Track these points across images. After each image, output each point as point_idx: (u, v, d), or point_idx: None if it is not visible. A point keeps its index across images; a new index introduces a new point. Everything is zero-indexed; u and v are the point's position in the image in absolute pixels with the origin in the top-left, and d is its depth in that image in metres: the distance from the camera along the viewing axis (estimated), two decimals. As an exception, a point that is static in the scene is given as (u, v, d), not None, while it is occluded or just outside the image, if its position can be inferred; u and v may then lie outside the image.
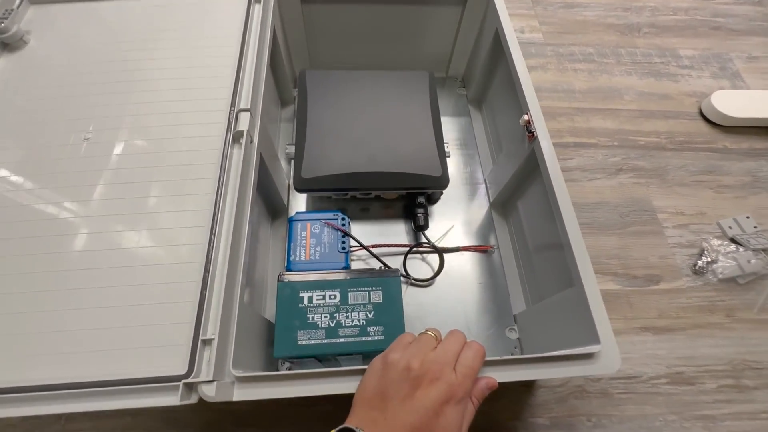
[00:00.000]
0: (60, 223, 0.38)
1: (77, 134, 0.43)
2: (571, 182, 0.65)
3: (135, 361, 0.32)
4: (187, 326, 0.33)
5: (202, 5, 0.54)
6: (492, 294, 0.54)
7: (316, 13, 0.60)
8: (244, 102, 0.43)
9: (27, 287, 0.35)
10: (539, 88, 0.75)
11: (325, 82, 0.59)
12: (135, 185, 0.40)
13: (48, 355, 0.32)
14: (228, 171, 0.40)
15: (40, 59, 0.49)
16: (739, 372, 0.52)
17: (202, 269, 0.35)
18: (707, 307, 0.56)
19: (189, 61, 0.49)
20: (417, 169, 0.53)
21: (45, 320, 0.34)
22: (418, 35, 0.65)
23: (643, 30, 0.86)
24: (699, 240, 0.61)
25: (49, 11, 0.54)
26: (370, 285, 0.43)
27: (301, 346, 0.40)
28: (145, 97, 0.46)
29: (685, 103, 0.76)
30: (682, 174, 0.68)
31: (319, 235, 0.52)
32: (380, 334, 0.40)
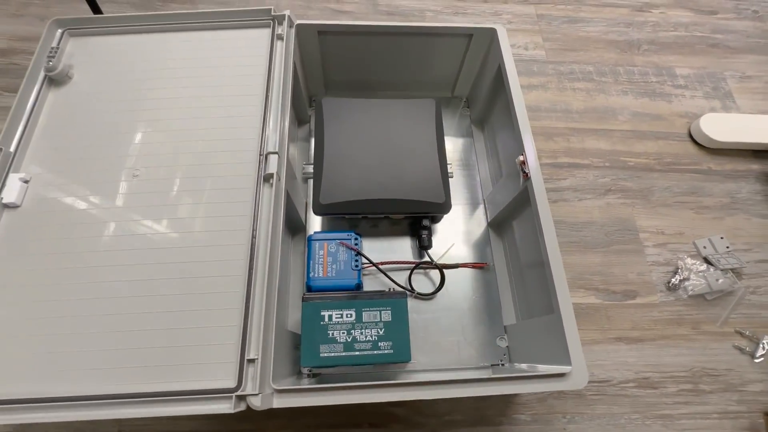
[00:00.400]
0: (126, 254, 0.45)
1: (127, 171, 0.49)
2: (563, 202, 0.72)
3: (192, 374, 0.40)
4: (233, 347, 0.40)
5: (229, 41, 0.58)
6: (486, 306, 0.61)
7: (331, 42, 0.65)
8: (272, 145, 0.49)
9: (100, 311, 0.42)
10: (539, 108, 0.80)
11: (340, 111, 0.64)
12: (184, 221, 0.46)
13: (123, 369, 0.40)
14: (261, 209, 0.46)
15: (85, 94, 0.54)
16: (698, 378, 0.60)
17: (243, 298, 0.42)
18: (676, 320, 0.64)
19: (220, 100, 0.54)
20: (422, 196, 0.59)
21: (119, 340, 0.41)
22: (426, 61, 0.70)
23: (643, 47, 0.90)
24: (675, 258, 0.68)
25: (87, 43, 0.58)
26: (381, 305, 0.50)
27: (323, 357, 0.47)
28: (182, 136, 0.51)
29: (676, 124, 0.81)
30: (666, 195, 0.74)
31: (335, 254, 0.59)
32: (389, 349, 0.48)
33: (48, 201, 0.48)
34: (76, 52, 0.57)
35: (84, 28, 0.58)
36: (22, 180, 0.48)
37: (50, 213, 0.47)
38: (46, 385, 0.39)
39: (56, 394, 0.38)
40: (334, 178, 0.59)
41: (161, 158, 0.50)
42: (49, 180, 0.49)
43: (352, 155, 0.61)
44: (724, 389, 0.60)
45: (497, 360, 0.58)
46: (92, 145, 0.51)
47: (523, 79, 0.83)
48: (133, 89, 0.55)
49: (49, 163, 0.50)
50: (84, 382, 0.39)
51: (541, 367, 0.48)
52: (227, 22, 0.59)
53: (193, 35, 0.59)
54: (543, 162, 0.75)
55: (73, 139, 0.51)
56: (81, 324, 0.42)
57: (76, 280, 0.44)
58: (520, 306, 0.60)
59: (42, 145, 0.51)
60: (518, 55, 0.86)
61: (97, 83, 0.55)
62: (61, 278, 0.44)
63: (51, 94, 0.54)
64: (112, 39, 0.58)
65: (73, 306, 0.42)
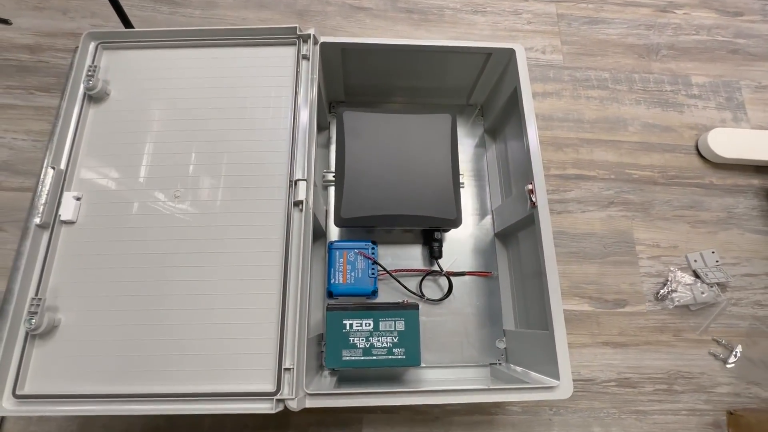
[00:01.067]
0: (173, 270, 0.51)
1: (168, 191, 0.54)
2: (567, 213, 0.76)
3: (236, 378, 0.47)
4: (271, 356, 0.47)
5: (256, 59, 0.60)
6: (488, 311, 0.68)
7: (353, 55, 0.66)
8: (300, 172, 0.53)
9: (156, 321, 0.49)
10: (551, 117, 0.82)
11: (360, 124, 0.67)
12: (224, 241, 0.52)
13: (180, 371, 0.47)
14: (292, 233, 0.51)
15: (122, 112, 0.58)
16: (673, 380, 0.68)
17: (278, 314, 0.49)
18: (660, 328, 0.71)
19: (250, 122, 0.57)
20: (435, 213, 0.64)
21: (174, 347, 0.48)
22: (443, 72, 0.71)
23: (662, 52, 0.89)
24: (666, 271, 0.74)
25: (120, 58, 0.61)
26: (395, 316, 0.57)
27: (345, 360, 0.55)
28: (215, 158, 0.56)
29: (685, 136, 0.83)
30: (666, 209, 0.78)
31: (353, 262, 0.65)
32: (402, 355, 0.55)
33: (99, 217, 0.53)
34: (111, 66, 0.60)
35: (116, 42, 0.60)
36: (75, 198, 0.53)
37: (102, 229, 0.53)
38: (110, 385, 0.47)
39: (119, 392, 0.46)
40: (354, 194, 0.63)
41: (197, 180, 0.55)
42: (97, 198, 0.54)
43: (372, 171, 0.65)
44: (695, 390, 0.68)
45: (496, 359, 0.66)
46: (131, 165, 0.55)
47: (538, 86, 0.84)
48: (167, 107, 0.58)
49: (96, 181, 0.55)
50: (142, 382, 0.47)
51: (533, 374, 0.55)
52: (254, 39, 0.61)
53: (220, 52, 0.61)
54: (551, 173, 0.78)
55: (115, 158, 0.56)
56: (138, 333, 0.49)
57: (131, 293, 0.50)
58: (519, 314, 0.66)
59: (88, 163, 0.55)
60: (535, 60, 0.86)
61: (132, 101, 0.58)
62: (119, 290, 0.50)
63: (91, 111, 0.58)
64: (144, 54, 0.61)
65: (132, 317, 0.49)
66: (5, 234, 0.67)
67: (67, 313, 0.50)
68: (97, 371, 0.47)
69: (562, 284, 0.70)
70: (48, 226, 0.52)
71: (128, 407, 0.45)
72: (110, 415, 0.45)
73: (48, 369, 0.47)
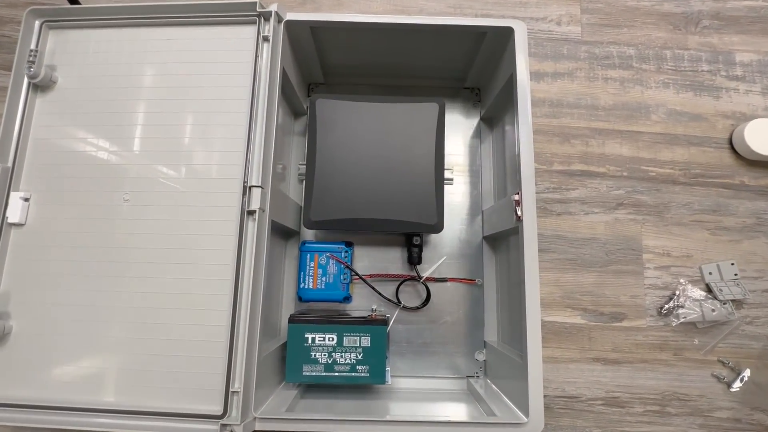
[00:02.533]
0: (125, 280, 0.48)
1: (116, 194, 0.50)
2: (567, 215, 0.68)
3: (178, 398, 0.45)
4: (220, 377, 0.45)
5: (212, 40, 0.53)
6: (470, 321, 0.64)
7: (327, 35, 0.58)
8: (255, 178, 0.48)
9: (104, 331, 0.47)
10: (560, 102, 0.72)
11: (334, 114, 0.60)
12: (171, 251, 0.48)
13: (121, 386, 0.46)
14: (245, 246, 0.47)
15: (69, 102, 0.53)
16: (667, 401, 0.63)
17: (228, 331, 0.46)
18: (659, 345, 0.65)
19: (206, 117, 0.52)
20: (414, 217, 0.58)
21: (121, 358, 0.46)
22: (435, 52, 0.62)
23: (703, 23, 0.75)
24: (674, 283, 0.66)
25: (67, 38, 0.55)
26: (361, 331, 0.53)
27: (305, 375, 0.52)
28: (166, 158, 0.51)
29: (718, 126, 0.72)
30: (683, 212, 0.69)
31: (325, 266, 0.61)
32: (366, 373, 0.52)
33: (48, 220, 0.50)
34: (57, 49, 0.55)
35: (62, 20, 0.54)
36: (22, 198, 0.50)
37: (52, 232, 0.50)
38: (61, 393, 0.46)
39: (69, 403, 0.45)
40: (324, 195, 0.58)
41: (147, 182, 0.50)
42: (46, 198, 0.51)
43: (345, 168, 0.59)
44: (690, 413, 0.63)
45: (473, 372, 0.62)
46: (80, 163, 0.51)
47: (549, 64, 0.73)
48: (116, 98, 0.53)
49: (45, 180, 0.51)
50: (85, 393, 0.46)
51: (506, 400, 0.51)
52: (210, 17, 0.53)
53: (175, 32, 0.54)
54: (555, 168, 0.70)
55: (64, 155, 0.52)
56: (88, 343, 0.47)
57: (81, 302, 0.48)
58: (502, 325, 0.61)
59: (37, 160, 0.52)
60: (548, 32, 0.75)
61: (79, 90, 0.53)
62: (69, 298, 0.48)
63: (38, 101, 0.53)
64: (92, 33, 0.55)
65: (82, 327, 0.47)
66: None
67: (19, 320, 0.48)
68: (49, 380, 0.47)
69: (554, 294, 0.65)
70: (-5, 228, 0.49)
71: (74, 419, 0.44)
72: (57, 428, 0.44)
73: (2, 376, 0.47)
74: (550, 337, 0.65)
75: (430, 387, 0.61)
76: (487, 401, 0.52)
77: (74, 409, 0.45)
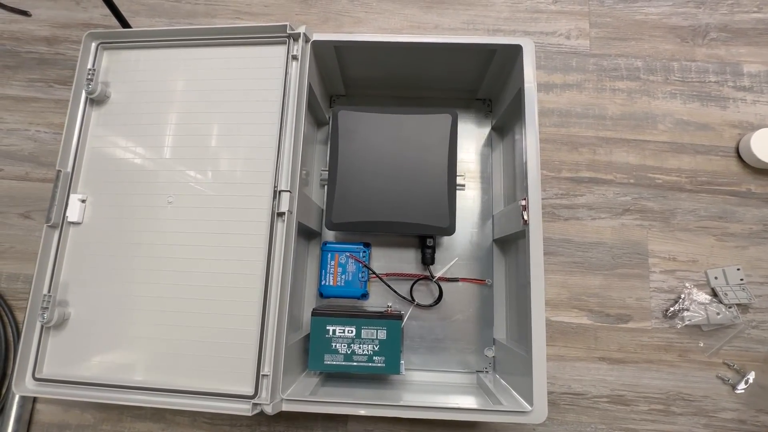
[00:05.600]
0: (166, 274, 0.54)
1: (162, 197, 0.56)
2: (574, 220, 0.71)
3: (214, 379, 0.50)
4: (251, 362, 0.50)
5: (247, 59, 0.59)
6: (480, 319, 0.67)
7: (349, 52, 0.63)
8: (284, 183, 0.53)
9: (153, 319, 0.53)
10: (569, 113, 0.75)
11: (355, 125, 0.65)
12: (210, 248, 0.54)
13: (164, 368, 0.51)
14: (275, 242, 0.52)
15: (120, 115, 0.60)
16: (672, 401, 0.65)
17: (259, 321, 0.51)
18: (664, 346, 0.67)
19: (239, 128, 0.57)
20: (428, 220, 0.62)
21: (167, 346, 0.52)
22: (448, 66, 0.66)
23: (710, 35, 0.78)
24: (680, 287, 0.69)
25: (119, 58, 0.62)
26: (378, 325, 0.57)
27: (326, 364, 0.57)
28: (206, 165, 0.57)
29: (725, 135, 0.74)
30: (689, 219, 0.71)
31: (344, 265, 0.66)
32: (382, 363, 0.57)
33: (101, 220, 0.57)
34: (111, 67, 0.61)
35: (116, 42, 0.61)
36: (80, 200, 0.57)
37: (104, 231, 0.56)
38: (114, 373, 0.52)
39: (120, 382, 0.51)
40: (345, 199, 0.63)
41: (187, 186, 0.56)
42: (100, 200, 0.57)
43: (364, 175, 0.63)
44: (694, 413, 0.65)
45: (483, 367, 0.66)
46: (129, 170, 0.58)
47: (558, 76, 0.77)
48: (160, 111, 0.59)
49: (99, 183, 0.58)
50: (132, 372, 0.51)
51: (513, 393, 0.55)
52: (246, 39, 0.59)
53: (214, 52, 0.60)
54: (563, 175, 0.73)
55: (114, 162, 0.58)
56: (135, 329, 0.53)
57: (130, 293, 0.54)
58: (510, 324, 0.65)
59: (91, 166, 0.58)
60: (558, 45, 0.78)
61: (128, 104, 0.60)
62: (119, 289, 0.54)
63: (94, 114, 0.60)
64: (141, 54, 0.61)
65: (131, 315, 0.53)
66: (33, 222, 0.73)
67: (76, 307, 0.55)
68: (101, 361, 0.53)
69: (561, 295, 0.68)
70: (57, 226, 0.56)
71: (122, 396, 0.50)
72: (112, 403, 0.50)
73: (61, 356, 0.53)
74: (557, 337, 0.68)
75: (442, 380, 0.65)
76: (496, 393, 0.56)
77: (123, 387, 0.50)
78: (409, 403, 0.49)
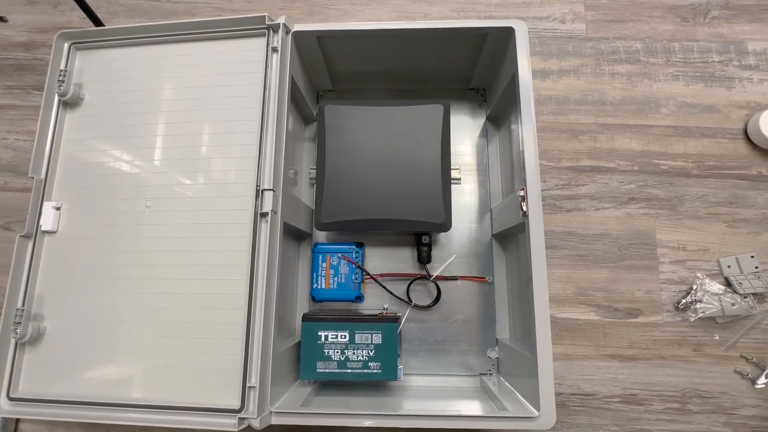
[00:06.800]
0: (144, 282, 0.51)
1: (140, 201, 0.53)
2: (577, 211, 0.68)
3: (199, 393, 0.47)
4: (237, 373, 0.47)
5: (225, 53, 0.56)
6: (482, 318, 0.64)
7: (334, 43, 0.60)
8: (267, 181, 0.50)
9: (133, 331, 0.50)
10: (567, 100, 0.72)
11: (342, 119, 0.62)
12: (191, 253, 0.51)
13: (145, 382, 0.48)
14: (258, 246, 0.49)
15: (95, 118, 0.57)
16: (687, 399, 0.62)
17: (244, 329, 0.48)
18: (677, 341, 0.63)
19: (219, 126, 0.54)
20: (422, 216, 0.59)
21: (148, 359, 0.49)
22: (439, 55, 0.63)
23: (712, 13, 0.74)
24: (691, 277, 0.65)
25: (92, 57, 0.59)
26: (372, 329, 0.54)
27: (319, 372, 0.54)
28: (184, 165, 0.54)
29: (732, 117, 0.70)
30: (698, 205, 0.67)
31: (336, 266, 0.63)
32: (378, 369, 0.53)
33: (77, 227, 0.54)
34: (84, 68, 0.59)
35: (88, 41, 0.59)
36: (54, 207, 0.54)
37: (80, 239, 0.53)
38: (94, 389, 0.49)
39: (100, 399, 0.48)
40: (334, 197, 0.60)
41: (166, 189, 0.53)
42: (75, 207, 0.54)
43: (354, 171, 0.60)
44: (712, 411, 0.61)
45: (486, 369, 0.62)
46: (105, 174, 0.55)
47: (554, 62, 0.74)
48: (137, 112, 0.56)
49: (74, 190, 0.55)
50: (111, 389, 0.48)
51: (518, 396, 0.51)
52: (223, 32, 0.56)
53: (191, 47, 0.57)
54: (563, 165, 0.70)
55: (90, 166, 0.55)
56: (115, 342, 0.50)
57: (107, 303, 0.51)
58: (513, 322, 0.62)
59: (66, 172, 0.55)
60: (553, 30, 0.75)
61: (104, 105, 0.57)
62: (96, 300, 0.51)
63: (67, 117, 0.57)
64: (115, 53, 0.59)
65: (108, 327, 0.50)
66: (13, 234, 0.70)
67: (53, 321, 0.52)
68: (78, 377, 0.50)
69: (566, 290, 0.65)
70: (31, 236, 0.53)
71: (101, 414, 0.47)
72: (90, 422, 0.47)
73: (38, 373, 0.50)
74: (564, 334, 0.64)
75: (443, 385, 0.62)
76: (500, 398, 0.53)
77: (101, 404, 0.47)
78: (408, 411, 0.46)
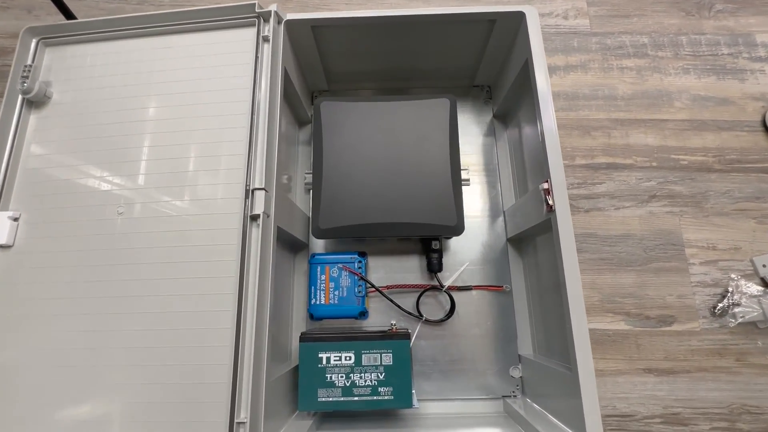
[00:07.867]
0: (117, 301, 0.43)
1: (111, 208, 0.46)
2: (596, 211, 0.63)
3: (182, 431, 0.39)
4: (223, 405, 0.39)
5: (211, 45, 0.51)
6: (501, 333, 0.57)
7: (329, 34, 0.56)
8: (258, 180, 0.44)
9: (102, 361, 0.42)
10: (576, 95, 0.68)
11: (340, 117, 0.57)
12: (170, 265, 0.44)
13: (120, 421, 0.40)
14: (248, 254, 0.43)
15: (65, 117, 0.51)
16: (736, 416, 0.55)
17: (232, 353, 0.40)
18: (718, 350, 0.57)
19: (205, 121, 0.49)
20: (431, 219, 0.53)
21: (119, 394, 0.41)
22: (442, 49, 0.59)
23: (716, 7, 0.73)
24: (725, 279, 0.60)
25: (63, 53, 0.54)
26: (381, 348, 0.47)
27: (321, 402, 0.46)
28: (164, 166, 0.47)
29: (748, 109, 0.67)
30: (724, 201, 0.63)
31: (337, 278, 0.56)
32: (390, 395, 0.46)
33: (38, 240, 0.46)
34: (53, 65, 0.53)
35: (59, 36, 0.53)
36: (11, 218, 0.47)
37: (44, 253, 0.46)
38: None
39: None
40: (333, 201, 0.54)
41: (142, 193, 0.47)
42: (38, 217, 0.47)
43: (354, 172, 0.55)
44: (765, 429, 0.54)
45: (509, 391, 0.55)
46: (75, 180, 0.48)
47: (560, 58, 0.70)
48: (113, 110, 0.50)
49: (38, 198, 0.48)
50: None
51: (553, 420, 0.44)
52: (209, 22, 0.52)
53: (174, 40, 0.52)
54: (577, 163, 0.65)
55: (58, 171, 0.49)
56: (81, 376, 0.42)
57: (73, 328, 0.43)
58: (538, 337, 0.55)
59: (28, 178, 0.49)
60: (556, 26, 0.72)
61: (75, 104, 0.51)
62: (60, 325, 0.43)
63: (32, 117, 0.51)
64: (88, 48, 0.53)
65: (74, 356, 0.42)
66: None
67: (3, 352, 0.43)
68: (50, 419, 0.41)
69: (591, 298, 0.59)
70: (-19, 251, 0.45)
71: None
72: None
73: (-19, 416, 0.42)
74: (593, 347, 0.57)
75: (463, 411, 0.54)
76: (531, 422, 0.45)
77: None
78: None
